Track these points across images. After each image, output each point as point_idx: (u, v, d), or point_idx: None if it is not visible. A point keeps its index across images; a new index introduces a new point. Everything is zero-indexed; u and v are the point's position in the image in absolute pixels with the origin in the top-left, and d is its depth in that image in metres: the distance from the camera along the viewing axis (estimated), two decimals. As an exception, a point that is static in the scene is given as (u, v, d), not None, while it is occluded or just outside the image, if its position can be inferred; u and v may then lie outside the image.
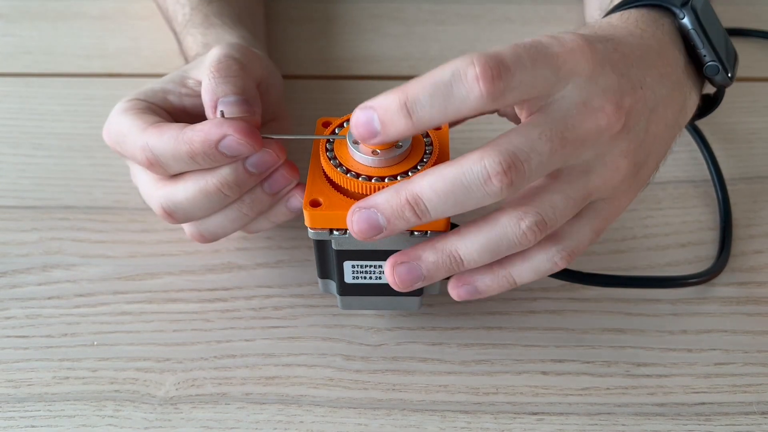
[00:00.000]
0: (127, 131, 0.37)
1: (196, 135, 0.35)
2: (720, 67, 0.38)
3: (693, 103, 0.39)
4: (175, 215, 0.38)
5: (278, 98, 0.44)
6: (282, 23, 0.63)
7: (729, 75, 0.38)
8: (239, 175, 0.36)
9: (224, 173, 0.36)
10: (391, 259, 0.34)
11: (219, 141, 0.35)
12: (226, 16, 0.49)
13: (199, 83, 0.40)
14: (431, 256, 0.33)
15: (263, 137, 0.36)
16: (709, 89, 0.40)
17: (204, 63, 0.40)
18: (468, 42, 0.61)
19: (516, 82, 0.30)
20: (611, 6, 0.41)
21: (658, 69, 0.36)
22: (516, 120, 0.39)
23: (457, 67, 0.29)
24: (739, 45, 0.59)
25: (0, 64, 0.59)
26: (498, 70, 0.29)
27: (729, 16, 0.62)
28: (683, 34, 0.38)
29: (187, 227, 0.40)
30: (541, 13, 0.63)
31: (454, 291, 0.36)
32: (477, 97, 0.29)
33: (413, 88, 0.30)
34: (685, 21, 0.37)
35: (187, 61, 0.48)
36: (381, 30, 0.62)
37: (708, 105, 0.41)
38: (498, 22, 0.63)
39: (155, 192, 0.38)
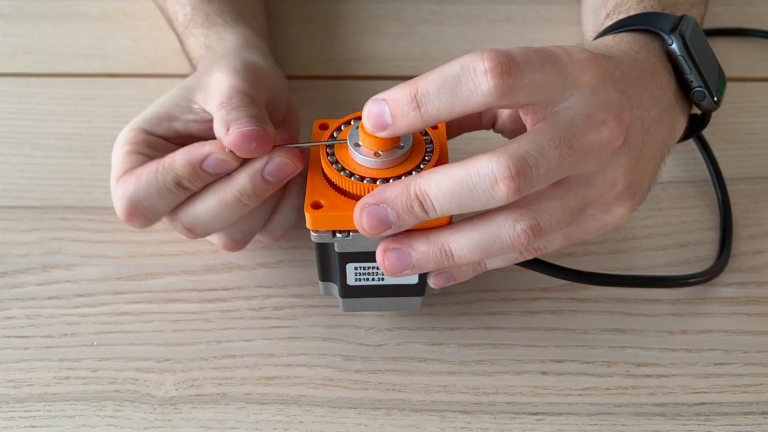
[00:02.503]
0: (113, 173, 0.39)
1: (177, 158, 0.36)
2: (706, 92, 0.38)
3: (681, 126, 0.39)
4: (196, 230, 0.39)
5: (286, 100, 0.44)
6: (282, 23, 0.63)
7: (715, 100, 0.39)
8: (256, 183, 0.37)
9: (241, 182, 0.37)
10: (383, 243, 0.34)
11: (203, 160, 0.36)
12: (228, 14, 0.49)
13: (203, 109, 0.40)
14: (423, 247, 0.34)
15: (280, 146, 0.37)
16: (697, 110, 0.41)
17: (210, 89, 0.40)
18: (468, 42, 0.61)
19: (525, 80, 0.30)
20: (602, 28, 0.42)
21: (652, 90, 0.36)
22: (512, 136, 0.39)
23: (466, 61, 0.30)
24: (739, 45, 0.59)
25: (0, 64, 0.59)
26: (508, 66, 0.30)
27: (729, 16, 0.62)
28: (672, 59, 0.38)
29: (218, 240, 0.41)
30: (542, 13, 0.63)
31: (432, 279, 0.37)
32: (485, 92, 0.30)
33: (423, 81, 0.31)
34: (674, 47, 0.38)
35: (190, 62, 0.48)
36: (381, 30, 0.62)
37: (694, 126, 0.42)
38: (498, 23, 0.63)
39: (175, 213, 0.39)
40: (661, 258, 0.45)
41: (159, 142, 0.40)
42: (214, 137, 0.38)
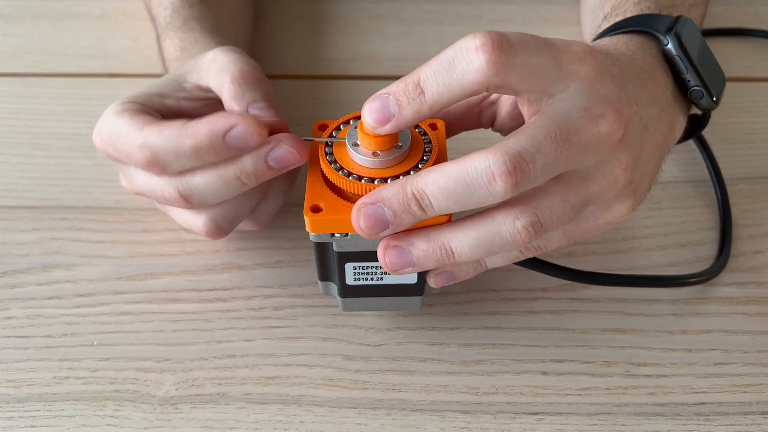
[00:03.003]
0: (124, 131, 0.37)
1: (201, 127, 0.35)
2: (704, 92, 0.38)
3: (680, 125, 0.39)
4: (191, 200, 0.37)
5: None
6: (282, 23, 0.63)
7: (713, 99, 0.39)
8: (257, 166, 0.36)
9: (245, 162, 0.36)
10: (384, 240, 0.34)
11: (227, 132, 0.35)
12: (206, 20, 0.48)
13: (198, 87, 0.40)
14: (423, 245, 0.34)
15: (288, 134, 0.36)
16: (697, 110, 0.41)
17: (205, 67, 0.40)
18: (468, 42, 0.61)
19: (519, 60, 0.30)
20: (600, 30, 0.42)
21: (650, 89, 0.36)
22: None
23: (460, 42, 0.30)
24: (739, 45, 0.59)
25: (0, 64, 0.59)
26: (499, 42, 0.30)
27: (729, 16, 0.62)
28: (668, 59, 0.38)
29: (202, 225, 0.40)
30: (542, 13, 0.63)
31: (432, 278, 0.37)
32: (477, 68, 0.30)
33: (420, 69, 0.31)
34: (669, 47, 0.38)
35: (164, 64, 0.47)
36: (381, 30, 0.62)
37: (694, 126, 0.42)
38: (498, 23, 0.63)
39: (173, 177, 0.37)
40: (661, 258, 0.45)
41: (154, 113, 0.38)
42: (205, 115, 0.37)
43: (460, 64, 0.30)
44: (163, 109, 0.39)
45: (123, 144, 0.37)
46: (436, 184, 0.31)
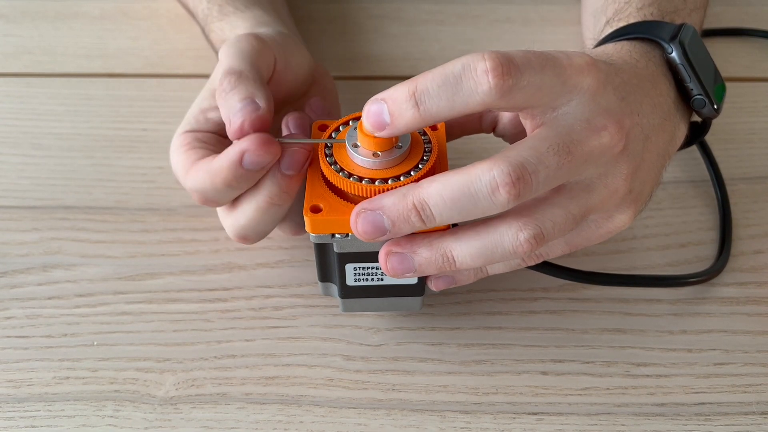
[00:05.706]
0: (180, 174, 0.39)
1: (221, 162, 0.36)
2: (706, 100, 0.38)
3: (681, 133, 0.39)
4: (248, 237, 0.39)
5: (302, 67, 0.44)
6: (282, 23, 0.63)
7: (715, 108, 0.39)
8: (280, 183, 0.36)
9: (268, 187, 0.37)
10: (386, 246, 0.34)
11: (241, 160, 0.35)
12: (239, 0, 0.48)
13: None
14: (425, 252, 0.34)
15: (279, 140, 0.36)
16: (697, 117, 0.41)
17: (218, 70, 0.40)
18: (468, 42, 0.61)
19: (524, 81, 0.30)
20: (602, 36, 0.42)
21: (652, 98, 0.36)
22: (513, 140, 0.39)
23: (467, 60, 0.30)
24: (739, 45, 0.59)
25: (0, 64, 0.59)
26: (508, 66, 0.30)
27: (729, 16, 0.62)
28: (672, 67, 0.38)
29: (230, 232, 0.40)
30: (541, 13, 0.63)
31: (432, 282, 0.38)
32: (485, 91, 0.30)
33: (423, 79, 0.31)
34: (674, 55, 0.38)
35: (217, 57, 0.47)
36: (381, 30, 0.62)
37: (695, 134, 0.42)
38: (498, 23, 0.63)
39: (225, 222, 0.39)
40: (661, 258, 0.45)
41: (207, 136, 0.40)
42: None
43: (467, 84, 0.30)
44: (210, 125, 0.40)
45: (184, 186, 0.39)
46: (440, 194, 0.31)
